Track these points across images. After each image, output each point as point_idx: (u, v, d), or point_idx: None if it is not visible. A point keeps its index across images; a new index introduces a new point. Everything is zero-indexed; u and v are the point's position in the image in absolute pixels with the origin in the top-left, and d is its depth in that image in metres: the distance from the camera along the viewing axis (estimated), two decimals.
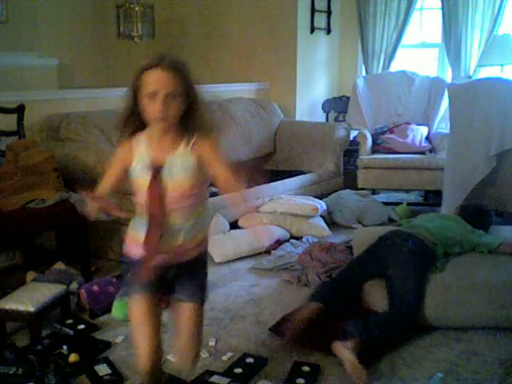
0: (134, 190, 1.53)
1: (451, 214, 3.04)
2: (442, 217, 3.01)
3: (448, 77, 5.13)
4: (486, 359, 2.22)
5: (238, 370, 2.10)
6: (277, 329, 2.41)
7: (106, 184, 1.57)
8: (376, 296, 2.53)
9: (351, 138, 4.80)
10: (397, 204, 4.43)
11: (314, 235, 3.73)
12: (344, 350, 2.11)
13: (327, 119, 5.54)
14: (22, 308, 2.30)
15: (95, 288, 2.68)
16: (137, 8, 5.06)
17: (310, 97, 5.45)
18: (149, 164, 1.49)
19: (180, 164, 1.49)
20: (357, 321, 2.25)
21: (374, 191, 4.82)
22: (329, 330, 2.32)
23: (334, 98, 5.56)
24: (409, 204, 4.41)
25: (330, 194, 4.37)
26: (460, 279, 2.55)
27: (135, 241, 1.55)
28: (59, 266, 2.89)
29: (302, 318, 2.36)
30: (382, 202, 4.29)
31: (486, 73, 4.86)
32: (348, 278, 2.65)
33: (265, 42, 5.24)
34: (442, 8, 4.96)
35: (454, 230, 2.76)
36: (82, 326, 2.45)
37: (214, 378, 2.04)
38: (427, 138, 4.68)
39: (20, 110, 3.23)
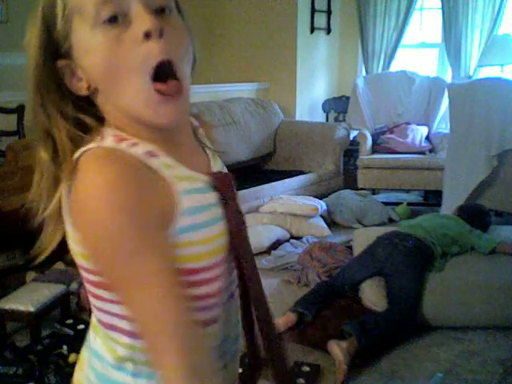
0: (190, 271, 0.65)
1: (450, 215, 3.04)
2: (442, 217, 3.01)
3: (448, 77, 5.12)
4: (486, 359, 2.22)
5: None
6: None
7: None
8: (376, 296, 2.53)
9: (351, 138, 4.80)
10: (397, 204, 4.42)
11: (314, 235, 3.72)
12: (337, 349, 2.12)
13: (327, 119, 5.54)
14: (22, 308, 2.30)
15: None
16: None
17: (310, 97, 5.45)
18: (208, 182, 0.69)
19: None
20: (355, 322, 2.25)
21: (373, 191, 4.82)
22: (329, 330, 2.32)
23: (334, 98, 5.56)
24: (409, 204, 4.41)
25: (330, 194, 4.37)
26: (460, 279, 2.55)
27: None
28: (59, 265, 2.89)
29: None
30: (382, 202, 4.29)
31: (486, 73, 4.86)
32: (347, 277, 2.66)
33: (265, 42, 5.24)
34: (442, 8, 4.96)
35: (452, 229, 2.76)
36: (81, 326, 2.45)
37: None
38: (427, 137, 4.68)
39: (20, 110, 3.23)
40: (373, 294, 2.55)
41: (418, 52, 5.57)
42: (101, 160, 0.60)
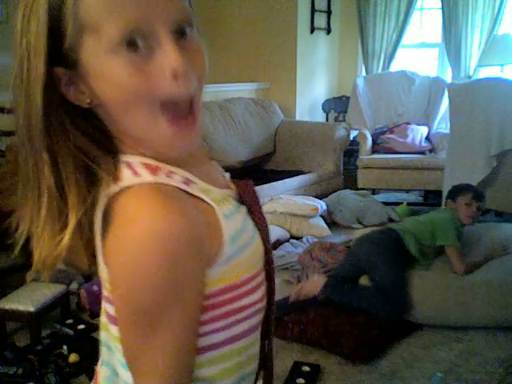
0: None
1: (444, 208, 3.01)
2: (431, 213, 2.97)
3: (448, 77, 5.13)
4: (486, 359, 2.22)
5: None
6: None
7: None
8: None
9: (351, 138, 4.80)
10: (397, 204, 4.43)
11: (314, 235, 3.72)
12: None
13: (327, 119, 5.54)
14: (22, 308, 2.30)
15: (95, 288, 2.68)
16: None
17: (310, 97, 5.45)
18: (235, 195, 0.70)
19: None
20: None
21: (374, 191, 4.82)
22: (329, 329, 2.32)
23: (334, 98, 5.56)
24: (409, 204, 4.41)
25: (330, 193, 4.37)
26: (460, 279, 2.55)
27: None
28: (59, 265, 2.89)
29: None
30: (382, 202, 4.29)
31: (486, 73, 4.87)
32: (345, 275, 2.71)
33: (265, 42, 5.24)
34: (442, 8, 4.96)
35: (427, 221, 2.75)
36: (82, 326, 2.45)
37: None
38: (427, 138, 4.68)
39: None
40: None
41: (418, 52, 5.57)
42: (151, 203, 0.56)
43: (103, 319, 0.72)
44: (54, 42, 0.56)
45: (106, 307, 0.68)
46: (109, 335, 0.69)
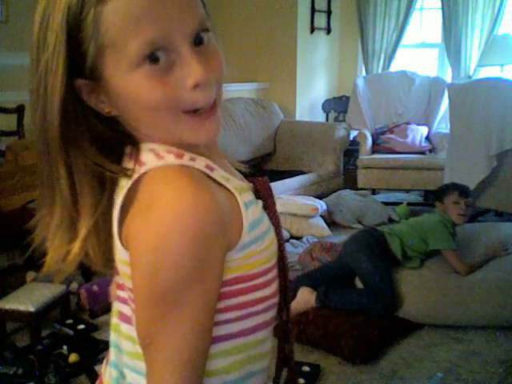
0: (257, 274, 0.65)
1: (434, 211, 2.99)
2: (421, 217, 2.96)
3: (448, 77, 5.13)
4: (486, 359, 2.22)
5: None
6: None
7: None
8: None
9: (351, 138, 4.81)
10: (397, 204, 4.42)
11: (314, 235, 3.72)
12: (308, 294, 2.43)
13: (327, 119, 5.54)
14: (22, 308, 2.30)
15: (95, 288, 2.68)
16: None
17: (310, 97, 5.45)
18: (252, 189, 0.72)
19: None
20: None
21: (374, 191, 4.82)
22: (329, 329, 2.32)
23: (334, 98, 5.56)
24: (409, 204, 4.40)
25: (330, 194, 4.37)
26: (459, 279, 2.55)
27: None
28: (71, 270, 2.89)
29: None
30: (382, 202, 4.29)
31: (486, 73, 4.87)
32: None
33: (265, 42, 5.24)
34: (442, 8, 4.96)
35: (416, 225, 2.73)
36: (82, 326, 2.45)
37: None
38: (427, 137, 4.68)
39: (20, 110, 3.23)
40: None
41: (418, 52, 5.57)
42: (178, 183, 0.57)
43: (114, 320, 0.71)
44: (74, 59, 0.57)
45: (120, 307, 0.68)
46: (119, 337, 0.69)
